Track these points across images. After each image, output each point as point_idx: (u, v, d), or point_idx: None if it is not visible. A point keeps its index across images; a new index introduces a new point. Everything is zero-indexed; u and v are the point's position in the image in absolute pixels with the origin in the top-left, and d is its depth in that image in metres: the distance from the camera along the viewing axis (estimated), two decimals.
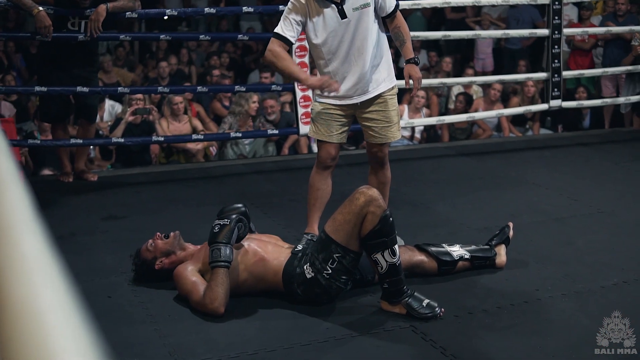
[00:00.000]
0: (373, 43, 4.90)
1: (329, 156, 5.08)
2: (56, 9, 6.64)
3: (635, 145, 8.82)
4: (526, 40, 12.81)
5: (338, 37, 4.85)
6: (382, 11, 4.99)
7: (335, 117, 5.02)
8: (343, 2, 4.81)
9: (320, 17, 4.84)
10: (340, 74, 4.91)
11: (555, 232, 5.75)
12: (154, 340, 4.02)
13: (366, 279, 4.59)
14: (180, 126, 9.19)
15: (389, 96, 5.07)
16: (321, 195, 5.19)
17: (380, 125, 5.06)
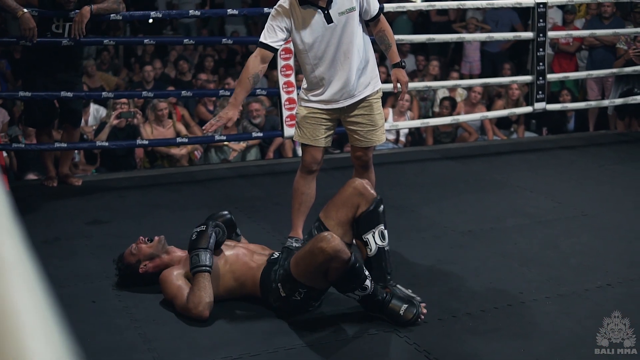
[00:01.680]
0: (359, 47, 4.88)
1: (313, 160, 5.06)
2: (40, 11, 6.62)
3: (619, 147, 8.85)
4: (505, 43, 12.88)
5: (324, 42, 4.83)
6: (367, 15, 4.96)
7: (321, 121, 5.00)
8: (329, 7, 4.79)
9: (306, 22, 4.81)
10: (326, 78, 4.89)
11: (540, 235, 5.76)
12: (138, 344, 4.01)
13: None
14: (164, 131, 9.18)
15: (374, 100, 5.06)
16: (305, 200, 5.17)
17: (365, 129, 5.05)
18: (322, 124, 5.01)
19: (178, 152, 9.09)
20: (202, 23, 15.36)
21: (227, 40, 8.80)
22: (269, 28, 4.85)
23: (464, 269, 5.08)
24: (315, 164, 5.09)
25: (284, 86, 7.56)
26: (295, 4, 4.80)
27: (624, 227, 5.95)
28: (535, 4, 8.60)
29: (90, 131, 9.34)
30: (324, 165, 4.89)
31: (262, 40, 4.85)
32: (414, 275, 4.97)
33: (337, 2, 4.80)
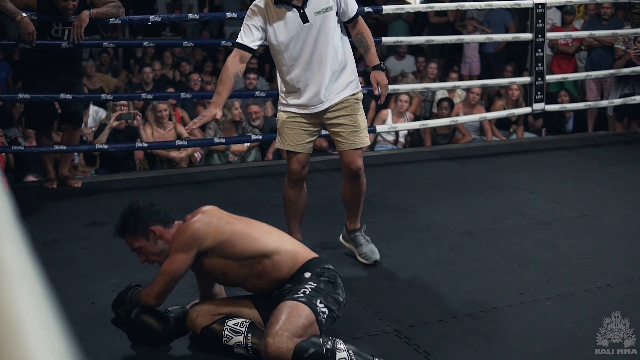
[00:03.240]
0: (336, 49, 4.81)
1: (299, 166, 4.97)
2: (39, 16, 6.62)
3: (618, 148, 8.85)
4: (498, 45, 12.90)
5: (300, 42, 4.76)
6: (344, 16, 4.89)
7: (302, 126, 4.92)
8: (304, 6, 4.71)
9: (281, 21, 4.74)
10: (302, 81, 4.81)
11: (539, 236, 5.76)
12: (138, 346, 4.02)
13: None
14: (164, 133, 9.18)
15: (355, 100, 4.94)
16: (297, 208, 5.14)
17: (347, 131, 4.91)
18: (303, 128, 4.93)
19: (177, 155, 9.09)
20: (202, 25, 15.36)
21: (227, 42, 8.81)
22: (244, 28, 4.80)
23: (463, 270, 5.09)
24: (302, 171, 5.00)
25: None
26: (270, 3, 4.73)
27: (623, 228, 5.96)
28: (533, 5, 8.60)
29: (90, 133, 9.34)
30: (322, 166, 4.87)
31: (238, 41, 4.80)
32: (413, 276, 4.98)
33: (313, 1, 4.73)
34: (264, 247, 3.88)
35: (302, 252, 4.00)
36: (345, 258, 5.28)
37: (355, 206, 5.18)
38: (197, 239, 3.81)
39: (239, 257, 3.85)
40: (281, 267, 3.88)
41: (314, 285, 3.80)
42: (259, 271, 3.87)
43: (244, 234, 3.89)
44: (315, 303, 3.72)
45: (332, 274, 3.92)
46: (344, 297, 3.94)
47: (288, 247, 3.95)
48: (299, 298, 3.72)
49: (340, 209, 6.23)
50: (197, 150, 9.38)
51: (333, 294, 3.83)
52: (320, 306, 3.73)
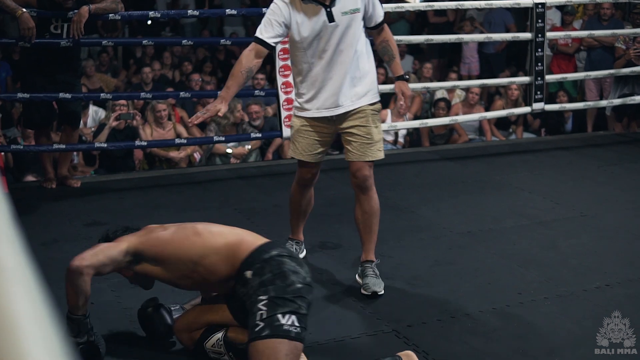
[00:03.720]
0: (358, 52, 4.65)
1: (309, 174, 4.96)
2: (39, 11, 6.62)
3: (617, 148, 8.85)
4: (499, 44, 12.90)
5: (323, 41, 4.60)
6: (371, 21, 4.75)
7: (314, 135, 4.81)
8: (332, 5, 4.57)
9: (306, 18, 4.58)
10: (320, 81, 4.66)
11: (538, 236, 5.77)
12: (137, 346, 4.02)
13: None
14: (164, 133, 9.18)
15: (372, 111, 4.75)
16: (303, 210, 5.15)
17: (359, 142, 4.72)
18: (316, 138, 4.81)
19: (177, 155, 9.08)
20: (201, 24, 15.36)
21: (226, 41, 8.81)
22: (265, 22, 4.64)
23: (462, 270, 5.09)
24: (312, 177, 4.99)
25: (282, 86, 7.55)
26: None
27: (622, 228, 5.96)
28: (533, 5, 8.61)
29: (89, 133, 9.34)
30: (323, 166, 4.82)
31: (257, 35, 4.64)
32: (413, 276, 4.98)
33: (341, 1, 4.59)
34: (187, 254, 3.72)
35: (238, 246, 3.69)
36: (344, 258, 5.28)
37: (367, 228, 4.87)
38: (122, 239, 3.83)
39: (170, 266, 3.75)
40: (217, 269, 3.68)
41: (265, 299, 3.45)
42: (199, 278, 3.73)
43: (170, 241, 3.76)
44: (280, 326, 3.39)
45: (276, 263, 3.56)
46: (304, 274, 3.58)
47: (217, 246, 3.70)
48: (262, 334, 3.39)
49: (340, 209, 6.25)
50: (196, 150, 9.38)
51: (287, 292, 3.47)
52: (286, 323, 3.40)
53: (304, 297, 3.50)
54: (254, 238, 3.78)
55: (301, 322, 3.44)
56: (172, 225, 3.91)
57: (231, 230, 3.86)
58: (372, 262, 4.86)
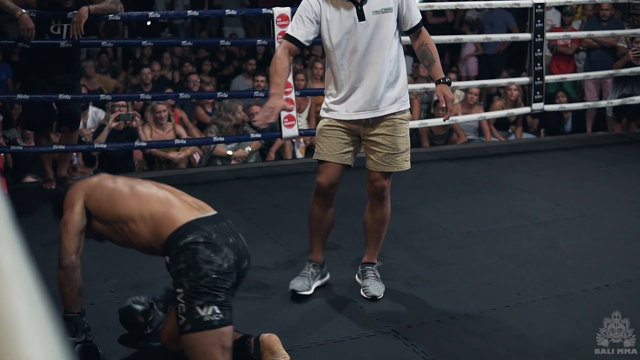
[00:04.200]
0: (391, 55, 4.47)
1: (328, 181, 4.57)
2: (39, 12, 6.62)
3: (616, 149, 8.86)
4: (500, 45, 12.90)
5: (353, 40, 4.42)
6: (406, 23, 4.54)
7: (339, 134, 4.55)
8: (363, 2, 4.40)
9: (337, 16, 4.41)
10: (350, 82, 4.47)
11: (538, 236, 5.77)
12: (136, 347, 4.02)
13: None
14: (164, 134, 9.17)
15: (400, 120, 4.59)
16: (322, 226, 4.74)
17: (384, 152, 4.56)
18: (340, 137, 4.55)
19: (176, 156, 9.08)
20: (201, 25, 15.36)
21: (225, 41, 8.82)
22: (297, 19, 4.47)
23: (462, 270, 5.10)
24: (331, 186, 4.59)
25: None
26: None
27: (621, 228, 5.96)
28: (533, 5, 8.61)
29: (89, 134, 9.33)
30: None
31: (289, 33, 4.48)
32: (412, 277, 4.98)
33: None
34: (117, 212, 3.72)
35: (162, 221, 3.64)
36: (344, 259, 5.28)
37: (374, 234, 4.80)
38: (73, 194, 3.82)
39: (106, 220, 3.77)
40: (140, 236, 3.67)
41: (181, 292, 3.47)
42: (128, 239, 3.73)
43: (109, 197, 3.78)
44: (200, 319, 3.44)
45: (189, 252, 3.52)
46: (220, 260, 3.52)
47: (144, 214, 3.67)
48: (186, 328, 3.45)
49: (340, 209, 6.24)
50: (196, 151, 9.38)
51: (200, 284, 3.46)
52: (206, 314, 3.44)
53: (220, 287, 3.48)
54: (179, 213, 3.70)
55: (222, 308, 3.47)
56: (122, 180, 3.92)
57: (164, 200, 3.78)
58: (374, 264, 4.85)
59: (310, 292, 4.66)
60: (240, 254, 3.62)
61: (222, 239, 3.59)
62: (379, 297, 4.64)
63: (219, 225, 3.67)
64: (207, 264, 3.48)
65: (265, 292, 4.73)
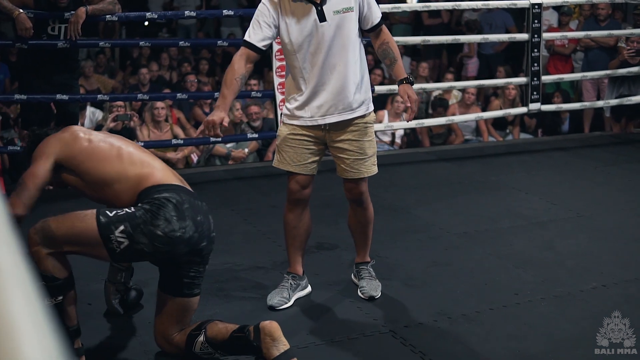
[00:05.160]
0: (354, 57, 4.37)
1: (298, 187, 4.51)
2: (36, 13, 6.63)
3: (614, 149, 8.87)
4: (499, 45, 12.91)
5: (314, 42, 4.31)
6: (366, 22, 4.44)
7: (304, 144, 4.46)
8: (323, 3, 4.29)
9: (296, 18, 4.31)
10: (313, 86, 4.37)
11: (535, 237, 5.77)
12: (135, 347, 4.02)
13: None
14: (161, 135, 9.17)
15: (366, 124, 4.50)
16: (298, 234, 4.65)
17: (352, 158, 4.47)
18: (306, 147, 4.46)
19: (174, 157, 9.08)
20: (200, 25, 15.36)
21: (223, 42, 8.81)
22: (254, 24, 4.37)
23: (459, 270, 5.10)
24: (301, 192, 4.53)
25: (279, 87, 7.56)
26: None
27: (619, 228, 5.97)
28: (530, 5, 8.63)
29: None
30: (320, 167, 4.68)
31: (246, 39, 4.37)
32: (410, 277, 4.99)
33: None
34: (102, 174, 3.76)
35: (145, 179, 3.72)
36: (341, 259, 5.29)
37: (361, 235, 4.79)
38: (48, 147, 3.83)
39: (86, 179, 3.80)
40: (121, 197, 3.73)
41: (130, 211, 3.58)
42: (107, 198, 3.79)
43: (91, 156, 3.79)
44: (112, 229, 3.53)
45: (158, 202, 3.60)
46: (176, 227, 3.58)
47: (130, 175, 3.73)
48: (99, 217, 3.57)
49: (337, 209, 6.25)
50: (193, 151, 9.38)
51: (149, 225, 3.54)
52: (118, 235, 3.54)
53: (156, 244, 3.57)
54: (165, 175, 3.77)
55: (128, 251, 3.59)
56: (99, 136, 3.93)
57: (150, 162, 3.83)
58: (368, 263, 4.85)
59: (289, 305, 4.59)
60: (202, 234, 3.70)
61: (191, 212, 3.67)
62: (377, 297, 4.64)
63: (195, 202, 3.74)
64: (164, 221, 3.57)
65: (263, 292, 4.73)
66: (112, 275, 4.40)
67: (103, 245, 3.56)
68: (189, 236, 3.62)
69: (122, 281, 4.40)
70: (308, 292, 4.77)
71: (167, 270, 3.83)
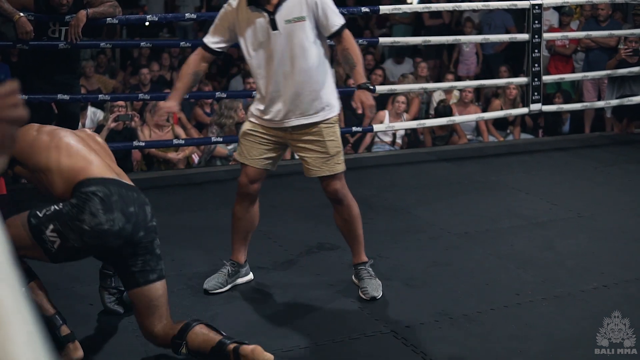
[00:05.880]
0: (308, 65, 4.42)
1: (247, 180, 4.65)
2: (37, 15, 6.63)
3: (614, 149, 8.87)
4: (499, 45, 12.91)
5: (267, 50, 4.41)
6: (325, 30, 4.47)
7: (260, 140, 4.59)
8: (276, 12, 4.37)
9: (251, 26, 4.42)
10: (269, 92, 4.47)
11: (535, 237, 5.78)
12: (136, 347, 4.03)
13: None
14: (162, 135, 9.17)
15: (325, 125, 4.54)
16: (243, 226, 4.79)
17: (314, 157, 4.55)
18: (262, 143, 4.59)
19: (175, 157, 9.08)
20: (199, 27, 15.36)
21: None
22: (214, 27, 4.57)
23: (460, 271, 5.11)
24: (250, 187, 4.66)
25: None
26: (243, 4, 4.43)
27: (619, 229, 5.97)
28: (530, 6, 8.63)
29: None
30: None
31: (204, 40, 4.62)
32: (410, 277, 4.99)
33: (285, 8, 4.38)
34: (38, 162, 3.78)
35: (78, 173, 3.71)
36: (342, 259, 5.29)
37: (350, 234, 4.82)
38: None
39: (28, 168, 3.82)
40: (54, 186, 3.76)
41: (58, 208, 3.61)
42: (43, 186, 3.84)
43: (32, 146, 3.81)
44: (42, 231, 3.58)
45: (84, 197, 3.59)
46: (103, 219, 3.57)
47: (64, 166, 3.73)
48: (30, 219, 3.61)
49: None
50: (194, 151, 9.38)
51: (75, 220, 3.56)
52: (49, 236, 3.58)
53: (84, 239, 3.59)
54: (99, 170, 3.76)
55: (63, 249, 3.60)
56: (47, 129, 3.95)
57: (86, 157, 3.82)
58: (366, 262, 4.85)
59: (225, 290, 4.73)
60: (137, 225, 3.69)
61: (121, 204, 3.65)
62: (378, 297, 4.65)
63: (127, 193, 3.72)
64: (90, 215, 3.57)
65: (264, 292, 4.74)
66: (103, 280, 4.45)
67: (39, 246, 3.60)
68: (118, 228, 3.61)
69: (113, 285, 4.42)
70: (249, 279, 4.92)
71: (116, 265, 3.88)
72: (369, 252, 4.90)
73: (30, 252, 3.64)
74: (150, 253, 3.78)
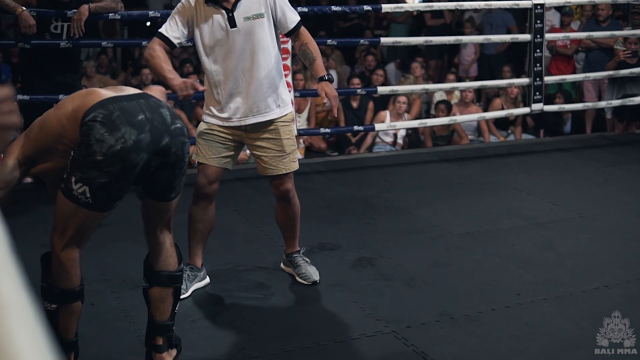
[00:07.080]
0: (266, 61, 4.49)
1: (205, 181, 4.67)
2: (39, 11, 6.63)
3: (615, 150, 8.87)
4: (500, 46, 12.91)
5: (225, 48, 4.44)
6: (283, 27, 4.56)
7: (217, 139, 4.63)
8: (234, 9, 4.41)
9: (209, 23, 4.43)
10: (226, 90, 4.51)
11: (536, 237, 5.78)
12: (138, 347, 4.03)
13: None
14: None
15: (282, 123, 4.62)
16: (200, 228, 4.76)
17: (270, 155, 4.63)
18: (218, 142, 4.64)
19: None
20: None
21: None
22: (171, 20, 4.52)
23: (460, 271, 5.11)
24: (208, 187, 4.68)
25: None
26: (200, 0, 4.44)
27: (620, 229, 5.97)
28: (532, 5, 8.63)
29: None
30: (321, 168, 4.75)
31: (162, 32, 4.50)
32: (411, 277, 4.99)
33: (244, 5, 4.42)
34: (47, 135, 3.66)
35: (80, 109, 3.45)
36: (343, 260, 5.29)
37: (290, 229, 4.93)
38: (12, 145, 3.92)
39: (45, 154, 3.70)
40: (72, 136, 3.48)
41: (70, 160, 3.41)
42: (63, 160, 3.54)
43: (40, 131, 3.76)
44: (70, 190, 3.38)
45: (86, 128, 3.36)
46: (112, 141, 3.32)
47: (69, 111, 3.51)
48: (61, 186, 3.44)
49: (338, 210, 6.27)
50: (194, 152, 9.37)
51: (85, 162, 3.35)
52: (76, 190, 3.37)
53: (103, 170, 3.33)
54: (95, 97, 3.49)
55: (95, 193, 3.37)
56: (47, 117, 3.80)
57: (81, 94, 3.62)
58: (299, 250, 5.00)
59: (187, 296, 4.65)
60: (156, 131, 3.42)
61: (126, 117, 3.37)
62: (318, 282, 4.80)
63: (129, 104, 3.45)
64: (97, 143, 3.32)
65: (265, 292, 4.74)
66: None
67: (79, 207, 3.40)
68: (132, 142, 3.33)
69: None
70: (206, 283, 4.88)
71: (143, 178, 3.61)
72: (369, 252, 4.90)
73: (80, 220, 3.44)
74: (179, 168, 3.59)
